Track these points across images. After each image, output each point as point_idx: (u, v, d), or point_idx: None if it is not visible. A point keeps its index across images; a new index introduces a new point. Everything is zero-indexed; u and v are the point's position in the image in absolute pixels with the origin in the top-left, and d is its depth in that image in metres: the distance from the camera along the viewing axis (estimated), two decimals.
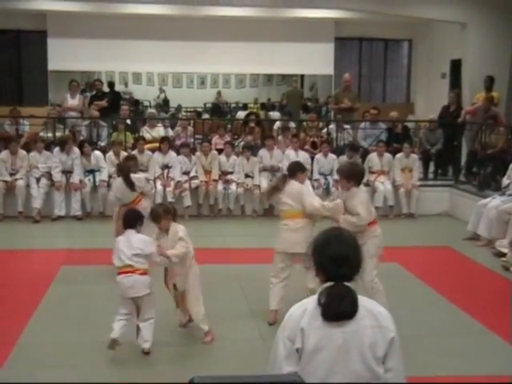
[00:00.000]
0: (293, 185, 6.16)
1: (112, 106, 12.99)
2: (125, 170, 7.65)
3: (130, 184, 7.47)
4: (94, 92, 13.74)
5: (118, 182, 7.72)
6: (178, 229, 5.49)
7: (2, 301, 6.55)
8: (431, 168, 12.57)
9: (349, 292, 2.60)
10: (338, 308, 2.55)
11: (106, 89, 14.24)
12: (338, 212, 5.94)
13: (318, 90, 20.85)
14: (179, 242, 5.41)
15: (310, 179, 11.39)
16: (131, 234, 5.36)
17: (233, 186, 11.19)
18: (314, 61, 17.57)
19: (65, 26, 16.28)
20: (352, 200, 5.87)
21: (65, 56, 16.46)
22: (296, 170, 6.35)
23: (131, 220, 5.50)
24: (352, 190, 5.91)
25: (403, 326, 2.66)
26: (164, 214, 5.49)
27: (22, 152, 10.96)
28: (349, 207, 5.88)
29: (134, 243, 5.25)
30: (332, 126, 12.77)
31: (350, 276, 2.65)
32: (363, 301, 2.62)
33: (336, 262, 2.63)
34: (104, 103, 12.98)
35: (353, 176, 5.93)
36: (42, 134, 12.10)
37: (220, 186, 11.14)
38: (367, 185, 11.43)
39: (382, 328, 2.59)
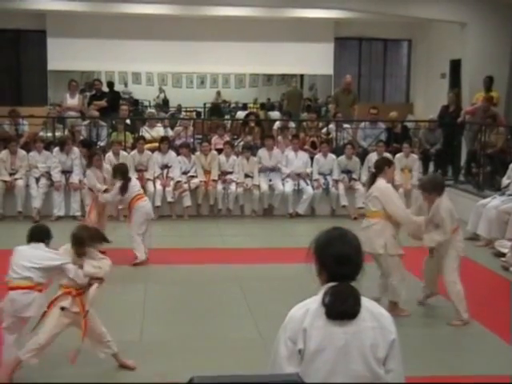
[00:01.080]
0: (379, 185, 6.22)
1: (111, 105, 12.98)
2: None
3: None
4: (94, 92, 13.73)
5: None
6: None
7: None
8: (431, 168, 12.57)
9: (353, 292, 2.60)
10: (342, 307, 2.55)
11: (105, 89, 14.21)
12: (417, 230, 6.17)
13: (317, 90, 20.84)
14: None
15: (310, 179, 11.42)
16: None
17: (232, 186, 11.19)
18: (313, 61, 17.58)
19: (64, 25, 16.28)
20: (438, 213, 5.98)
21: (64, 56, 16.45)
22: (383, 165, 6.38)
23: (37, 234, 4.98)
24: (436, 202, 6.01)
25: (402, 326, 2.66)
26: (88, 241, 4.87)
27: (22, 152, 10.96)
28: (435, 220, 6.03)
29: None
30: (331, 126, 12.76)
31: (353, 276, 2.65)
32: (365, 302, 2.62)
33: (339, 261, 2.63)
34: (103, 103, 12.97)
35: (434, 188, 6.09)
36: (41, 133, 12.10)
37: (219, 186, 11.14)
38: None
39: (384, 329, 2.58)
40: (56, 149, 10.97)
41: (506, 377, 4.97)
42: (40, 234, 5.00)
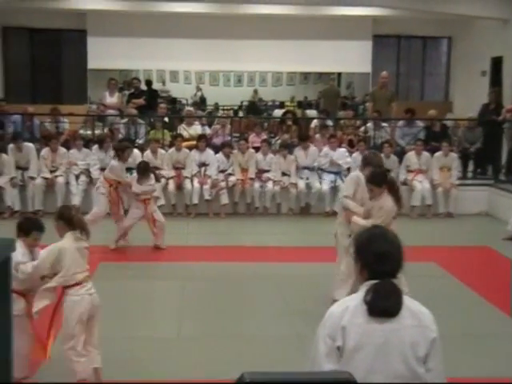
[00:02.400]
0: None
1: (149, 104, 13.11)
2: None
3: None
4: (132, 90, 13.88)
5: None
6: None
7: None
8: (470, 167, 12.41)
9: (395, 289, 2.60)
10: (384, 305, 2.55)
11: (143, 87, 14.36)
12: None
13: (354, 89, 20.72)
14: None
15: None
16: None
17: (269, 184, 11.20)
18: (351, 59, 17.50)
19: (104, 24, 16.50)
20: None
21: (104, 54, 16.68)
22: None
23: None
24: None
25: (440, 326, 2.64)
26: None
27: (62, 149, 11.13)
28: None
29: None
30: (369, 125, 12.68)
31: (394, 273, 2.65)
32: (406, 300, 2.61)
33: (380, 259, 2.63)
34: (142, 101, 13.11)
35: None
36: (81, 131, 12.27)
37: (256, 184, 11.15)
38: (404, 183, 11.36)
39: (424, 328, 2.57)
40: (95, 146, 11.10)
41: None
42: None
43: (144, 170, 8.68)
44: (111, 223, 8.70)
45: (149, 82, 15.13)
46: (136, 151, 11.22)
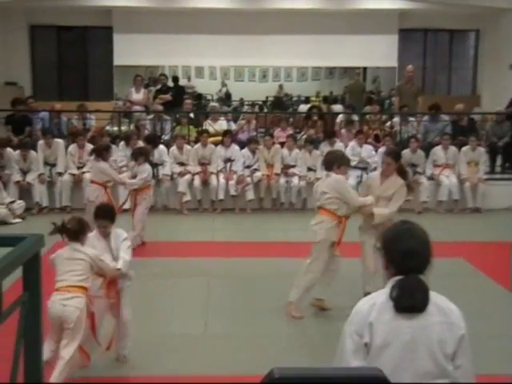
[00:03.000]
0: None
1: (176, 100, 13.18)
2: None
3: None
4: (159, 86, 13.96)
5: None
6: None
7: None
8: (498, 161, 12.26)
9: (421, 285, 2.59)
10: (410, 301, 2.55)
11: (169, 83, 14.43)
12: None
13: (380, 83, 20.60)
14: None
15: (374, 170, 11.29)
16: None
17: (295, 180, 11.19)
18: (377, 53, 17.36)
19: (130, 21, 16.58)
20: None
21: (130, 51, 16.76)
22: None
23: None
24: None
25: (469, 324, 2.62)
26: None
27: (89, 146, 11.18)
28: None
29: None
30: (396, 119, 12.59)
31: (421, 269, 2.64)
32: (433, 296, 2.60)
33: (407, 256, 2.62)
34: (168, 97, 13.18)
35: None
36: (107, 128, 12.37)
37: (282, 180, 11.15)
38: (431, 178, 11.27)
39: (452, 325, 2.56)
40: (121, 143, 11.18)
41: None
42: None
43: (137, 154, 8.62)
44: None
45: (175, 78, 15.19)
46: (162, 147, 11.29)
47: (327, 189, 5.98)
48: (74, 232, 4.58)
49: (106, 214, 4.92)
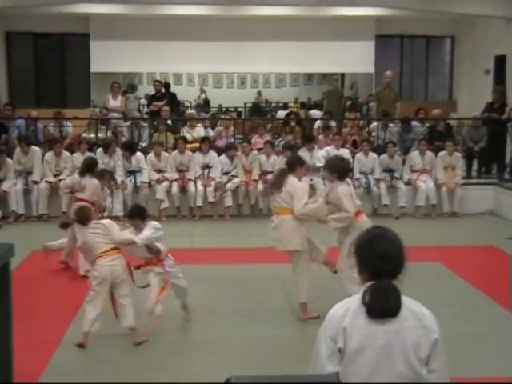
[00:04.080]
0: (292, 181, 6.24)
1: (170, 106, 13.18)
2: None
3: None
4: (154, 92, 13.98)
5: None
6: None
7: (49, 305, 6.70)
8: (475, 166, 12.38)
9: (393, 289, 2.60)
10: (383, 305, 2.55)
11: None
12: (320, 212, 6.08)
13: (358, 89, 20.72)
14: None
15: (351, 178, 11.33)
16: None
17: None
18: (354, 59, 17.47)
19: (107, 28, 16.54)
20: (335, 192, 5.99)
21: (107, 58, 16.71)
22: (295, 164, 6.39)
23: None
24: (335, 183, 6.04)
25: (446, 327, 2.64)
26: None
27: (66, 153, 11.15)
28: (331, 200, 6.00)
29: None
30: (374, 125, 12.67)
31: (394, 274, 2.64)
32: (406, 301, 2.61)
33: (380, 260, 2.63)
34: (163, 104, 13.14)
35: (337, 169, 6.06)
36: (85, 135, 12.30)
37: (260, 186, 11.15)
38: (409, 183, 11.35)
39: (426, 329, 2.57)
40: (99, 150, 11.12)
41: None
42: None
43: (87, 167, 8.06)
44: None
45: (167, 85, 15.11)
46: (139, 154, 11.26)
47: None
48: (85, 218, 5.82)
49: (137, 214, 5.76)
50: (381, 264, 2.62)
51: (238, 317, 6.21)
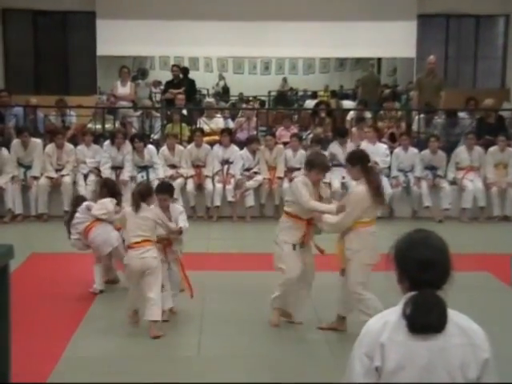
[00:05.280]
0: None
1: (187, 94, 13.22)
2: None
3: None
4: (171, 79, 14.03)
5: None
6: None
7: (54, 306, 6.76)
8: None
9: (438, 301, 2.57)
10: (426, 319, 2.52)
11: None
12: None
13: (397, 76, 20.63)
14: None
15: (388, 176, 11.29)
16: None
17: None
18: (393, 42, 17.35)
19: (115, 6, 16.58)
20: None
21: (115, 39, 16.74)
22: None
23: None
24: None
25: (496, 346, 2.61)
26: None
27: (69, 146, 11.22)
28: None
29: None
30: (416, 117, 12.60)
31: (438, 283, 2.62)
32: (453, 315, 2.58)
33: (422, 267, 2.60)
34: (181, 91, 13.18)
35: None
36: (90, 125, 12.37)
37: (286, 184, 11.14)
38: (454, 183, 11.26)
39: (475, 347, 2.54)
40: (106, 142, 11.18)
41: None
42: None
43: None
44: None
45: (186, 70, 15.13)
46: (151, 147, 11.30)
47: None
48: (141, 195, 6.05)
49: (165, 190, 6.42)
50: (423, 272, 2.59)
51: (257, 331, 6.19)
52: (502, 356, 2.99)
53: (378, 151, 11.39)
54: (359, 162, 5.84)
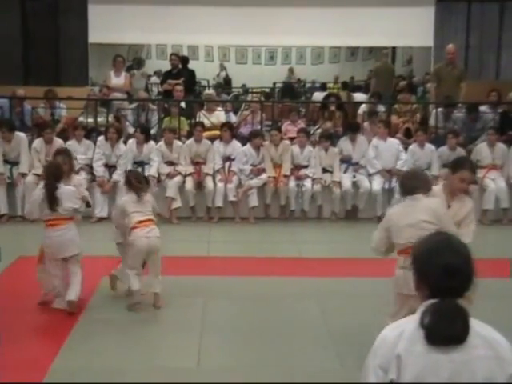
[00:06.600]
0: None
1: (187, 86, 13.21)
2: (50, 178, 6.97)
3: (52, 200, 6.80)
4: (170, 68, 14.05)
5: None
6: None
7: (42, 309, 6.79)
8: None
9: (460, 310, 2.56)
10: (448, 329, 2.51)
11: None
12: None
13: (413, 66, 20.62)
14: None
15: None
16: None
17: (307, 183, 11.18)
18: (409, 30, 17.34)
19: None
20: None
21: (108, 26, 16.74)
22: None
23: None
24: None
25: None
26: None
27: (58, 141, 11.21)
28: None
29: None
30: (434, 111, 12.58)
31: (461, 291, 2.61)
32: (476, 325, 2.57)
33: (444, 274, 2.59)
34: (179, 82, 13.18)
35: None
36: (81, 119, 12.37)
37: (292, 183, 11.14)
38: (474, 182, 11.24)
39: (500, 360, 2.53)
40: (101, 138, 11.17)
41: None
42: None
43: None
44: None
45: (185, 60, 15.13)
46: (152, 143, 11.30)
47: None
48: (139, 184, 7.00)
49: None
50: (445, 279, 2.58)
51: (262, 341, 6.19)
52: None
53: (389, 148, 11.40)
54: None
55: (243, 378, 5.43)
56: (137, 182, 7.02)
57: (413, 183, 5.54)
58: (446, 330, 2.52)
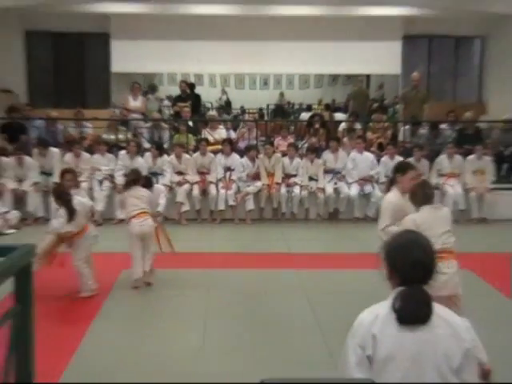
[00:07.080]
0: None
1: (194, 108, 13.22)
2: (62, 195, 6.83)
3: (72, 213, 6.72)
4: (179, 93, 14.05)
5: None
6: None
7: (65, 306, 6.74)
8: (505, 170, 12.24)
9: (424, 295, 2.59)
10: (415, 311, 2.53)
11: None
12: None
13: (384, 90, 20.60)
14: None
15: (377, 182, 11.30)
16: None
17: (296, 189, 11.18)
18: (380, 60, 17.33)
19: (128, 28, 16.58)
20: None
21: (127, 58, 16.73)
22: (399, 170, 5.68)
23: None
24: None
25: (478, 337, 2.60)
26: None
27: (86, 155, 11.21)
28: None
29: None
30: (401, 128, 12.60)
31: (426, 280, 2.63)
32: (437, 308, 2.58)
33: (415, 267, 2.62)
34: (187, 105, 13.18)
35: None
36: (104, 136, 12.37)
37: (283, 189, 11.14)
38: (436, 188, 11.25)
39: (457, 337, 2.54)
40: (122, 152, 11.18)
41: None
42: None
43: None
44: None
45: (192, 86, 15.14)
46: (166, 157, 11.30)
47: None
48: (136, 180, 7.31)
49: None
50: (414, 271, 2.61)
51: (258, 326, 6.14)
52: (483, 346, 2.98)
53: (365, 160, 11.41)
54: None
55: (241, 358, 5.41)
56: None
57: (432, 192, 5.33)
58: (413, 312, 2.54)
